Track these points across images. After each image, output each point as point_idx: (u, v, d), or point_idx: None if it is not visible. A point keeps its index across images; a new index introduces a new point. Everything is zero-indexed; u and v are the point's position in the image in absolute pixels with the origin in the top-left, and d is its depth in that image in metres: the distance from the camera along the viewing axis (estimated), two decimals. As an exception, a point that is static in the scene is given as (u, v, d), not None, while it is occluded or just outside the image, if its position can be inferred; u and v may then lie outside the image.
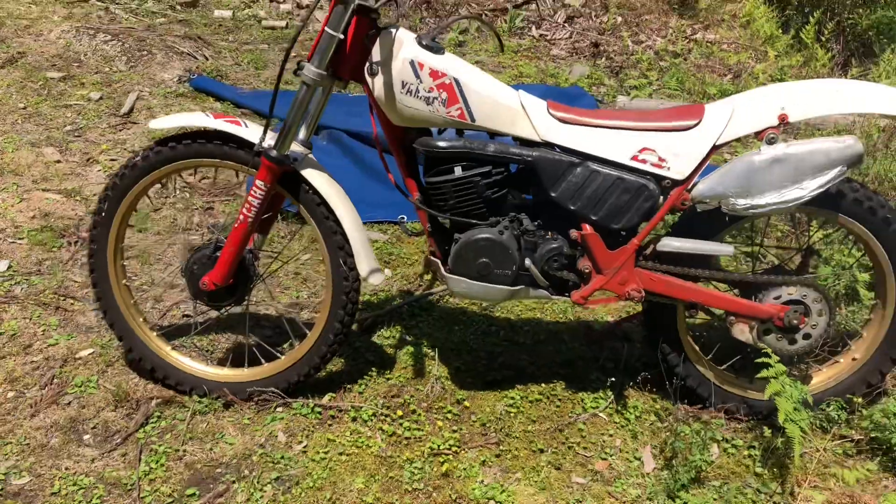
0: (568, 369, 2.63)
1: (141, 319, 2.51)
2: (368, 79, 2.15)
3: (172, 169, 2.32)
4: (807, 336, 2.27)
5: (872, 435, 2.28)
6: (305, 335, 2.42)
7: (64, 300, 2.93)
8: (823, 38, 6.15)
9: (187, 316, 2.89)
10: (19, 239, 3.28)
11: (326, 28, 2.07)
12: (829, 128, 4.43)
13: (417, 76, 2.09)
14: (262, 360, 2.49)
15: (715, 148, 2.13)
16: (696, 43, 6.46)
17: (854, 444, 2.33)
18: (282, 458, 2.25)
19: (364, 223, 2.34)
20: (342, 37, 2.08)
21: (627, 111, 2.23)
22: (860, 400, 2.37)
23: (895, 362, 2.36)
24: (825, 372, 2.43)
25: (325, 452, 2.27)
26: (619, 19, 6.65)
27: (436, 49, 2.13)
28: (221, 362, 2.61)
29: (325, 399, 2.48)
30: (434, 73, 2.10)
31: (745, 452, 2.30)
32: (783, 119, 2.07)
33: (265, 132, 2.21)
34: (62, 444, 2.29)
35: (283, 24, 6.56)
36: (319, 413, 2.43)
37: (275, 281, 3.08)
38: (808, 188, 2.06)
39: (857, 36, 7.42)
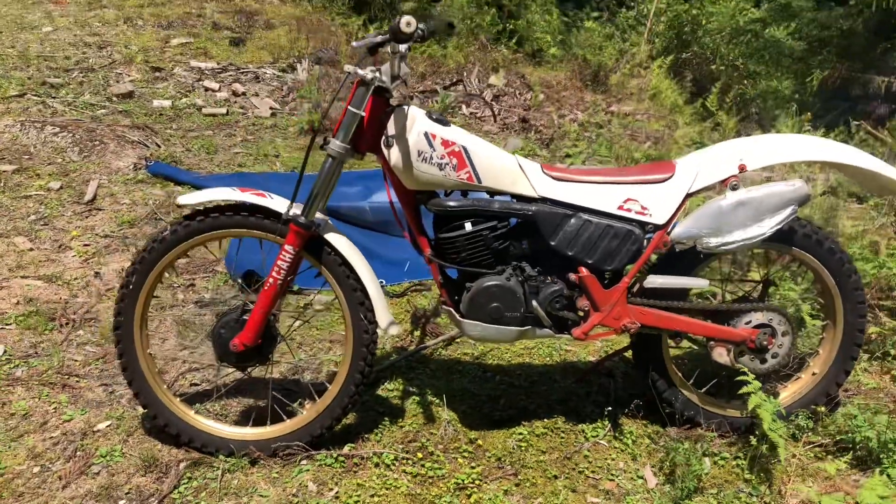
0: (564, 405, 2.89)
1: (165, 387, 2.63)
2: (385, 150, 2.41)
3: (201, 240, 2.50)
4: (775, 355, 2.61)
5: (838, 438, 2.61)
6: (324, 390, 2.60)
7: (68, 378, 3.00)
8: (726, 106, 6.82)
9: (195, 385, 3.01)
10: (6, 325, 3.34)
11: (349, 107, 2.34)
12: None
13: (431, 145, 2.37)
14: (284, 417, 2.64)
15: (688, 196, 2.48)
16: (614, 115, 7.03)
17: (822, 448, 2.66)
18: (318, 504, 2.39)
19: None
20: (363, 114, 2.35)
21: (609, 168, 2.56)
22: (823, 409, 2.71)
23: (848, 373, 2.72)
24: (790, 387, 2.78)
25: (358, 496, 2.43)
26: (542, 96, 7.18)
27: (444, 122, 2.43)
28: (240, 423, 2.74)
29: (346, 449, 2.64)
30: (445, 143, 2.38)
31: (734, 463, 2.59)
32: (742, 168, 2.45)
33: (292, 203, 2.43)
34: (100, 510, 2.38)
35: (224, 111, 6.79)
36: (343, 462, 2.59)
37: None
38: (768, 226, 2.43)
39: (747, 103, 8.21)
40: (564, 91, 7.66)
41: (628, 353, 2.93)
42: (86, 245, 4.12)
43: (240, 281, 3.71)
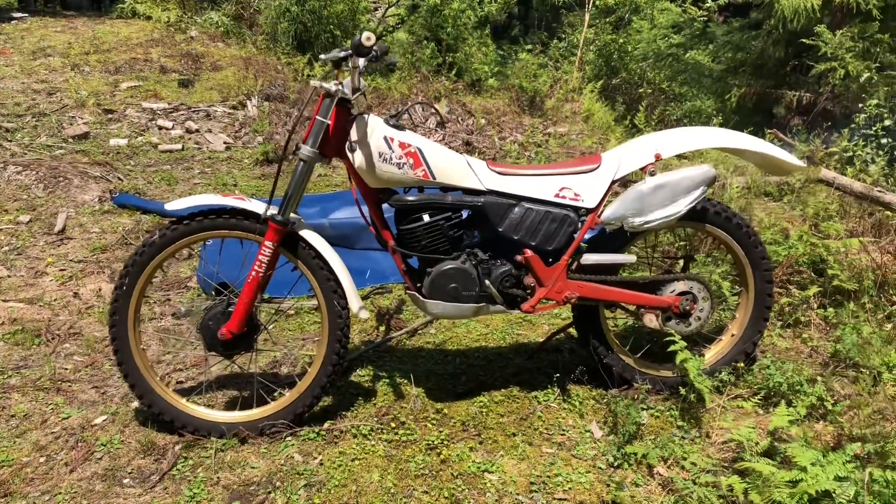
0: (518, 377, 3.24)
1: (158, 378, 2.90)
2: (349, 154, 2.76)
3: (187, 242, 2.80)
4: (697, 318, 3.01)
5: (756, 388, 3.01)
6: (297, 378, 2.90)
7: (61, 384, 3.24)
8: (653, 123, 7.35)
9: (180, 383, 3.28)
10: (-7, 343, 3.56)
11: (317, 116, 2.69)
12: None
13: (390, 148, 2.73)
14: (269, 400, 2.94)
15: (613, 182, 2.88)
16: (551, 135, 7.50)
17: (743, 399, 3.05)
18: (305, 470, 2.68)
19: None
20: (329, 122, 2.70)
21: (545, 164, 2.95)
22: (742, 366, 3.11)
23: (761, 333, 3.13)
24: (713, 349, 3.18)
25: (340, 461, 2.73)
26: (484, 121, 7.62)
27: (399, 127, 2.79)
28: (228, 408, 3.02)
29: (326, 425, 2.94)
30: (402, 145, 2.74)
31: (668, 414, 2.96)
32: (658, 157, 2.86)
33: (269, 205, 2.75)
34: (107, 487, 2.62)
35: (179, 147, 7.07)
36: (324, 435, 2.88)
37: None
38: (683, 204, 2.84)
39: (673, 121, 8.78)
40: (504, 116, 8.12)
41: (571, 331, 3.29)
42: (62, 270, 4.36)
43: (213, 294, 3.99)
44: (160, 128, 7.60)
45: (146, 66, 9.18)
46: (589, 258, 2.91)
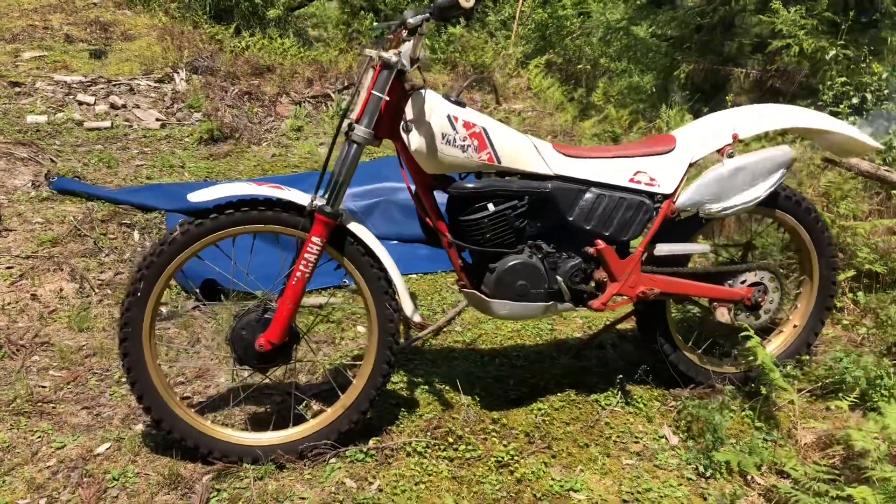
0: (570, 379, 2.97)
1: (178, 399, 2.48)
2: (404, 135, 2.39)
3: (214, 239, 2.38)
4: (767, 311, 2.81)
5: (825, 381, 2.85)
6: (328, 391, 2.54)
7: (43, 405, 2.76)
8: (613, 101, 7.19)
9: (185, 398, 2.85)
10: (-54, 358, 3.02)
11: (374, 91, 2.31)
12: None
13: (454, 128, 2.39)
14: (307, 417, 2.56)
15: (690, 166, 2.63)
16: (508, 112, 7.23)
17: (810, 393, 2.89)
18: (364, 499, 2.33)
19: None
20: (387, 98, 2.32)
21: (616, 146, 2.67)
22: (806, 358, 2.95)
23: (823, 323, 2.97)
24: (774, 341, 2.99)
25: (403, 486, 2.39)
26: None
27: (461, 104, 2.44)
28: (259, 428, 2.62)
29: (371, 443, 2.59)
30: (467, 125, 2.41)
31: (742, 414, 2.76)
32: (735, 137, 2.63)
33: (315, 194, 2.36)
34: (133, 534, 2.21)
35: (108, 124, 6.41)
36: (374, 455, 2.54)
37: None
38: (763, 188, 2.62)
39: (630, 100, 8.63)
40: (453, 92, 7.78)
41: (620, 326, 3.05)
42: (8, 268, 3.78)
43: (198, 292, 3.54)
44: (80, 103, 6.88)
45: (47, 35, 8.35)
46: (662, 249, 2.65)
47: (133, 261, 3.96)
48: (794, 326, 2.97)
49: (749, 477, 2.45)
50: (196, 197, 2.36)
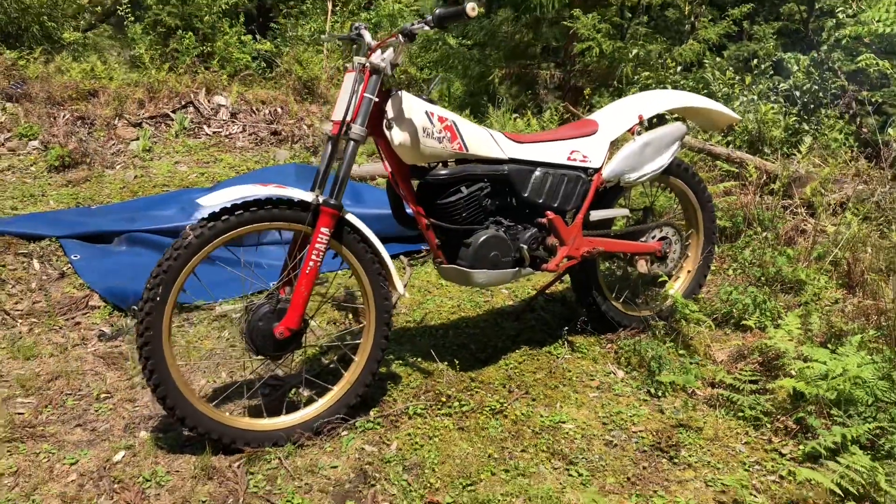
0: (520, 337, 3.40)
1: (198, 396, 2.61)
2: (387, 132, 2.70)
3: (226, 239, 2.54)
4: (672, 259, 3.41)
5: (722, 312, 3.50)
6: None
7: (32, 430, 2.75)
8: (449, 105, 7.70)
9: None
10: None
11: (366, 94, 2.60)
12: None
13: (432, 122, 2.73)
14: (315, 399, 2.78)
15: (611, 144, 3.15)
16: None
17: (714, 322, 3.53)
18: (392, 458, 2.61)
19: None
20: (377, 99, 2.62)
21: (549, 132, 3.12)
22: (701, 297, 3.59)
23: (709, 267, 3.63)
24: (674, 286, 3.61)
25: (420, 442, 2.69)
26: (279, 110, 7.42)
27: (432, 101, 2.79)
28: (273, 413, 2.78)
29: (372, 414, 2.86)
30: (441, 119, 2.76)
31: (666, 346, 3.33)
32: (641, 118, 3.19)
33: (314, 190, 2.60)
34: (191, 521, 2.34)
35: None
36: (381, 423, 2.81)
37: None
38: (665, 158, 3.21)
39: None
40: (286, 104, 7.95)
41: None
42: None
43: (135, 308, 3.56)
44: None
45: None
46: (596, 214, 3.16)
47: (44, 289, 3.86)
48: (689, 272, 3.61)
49: (691, 391, 3.01)
50: (206, 201, 2.51)
